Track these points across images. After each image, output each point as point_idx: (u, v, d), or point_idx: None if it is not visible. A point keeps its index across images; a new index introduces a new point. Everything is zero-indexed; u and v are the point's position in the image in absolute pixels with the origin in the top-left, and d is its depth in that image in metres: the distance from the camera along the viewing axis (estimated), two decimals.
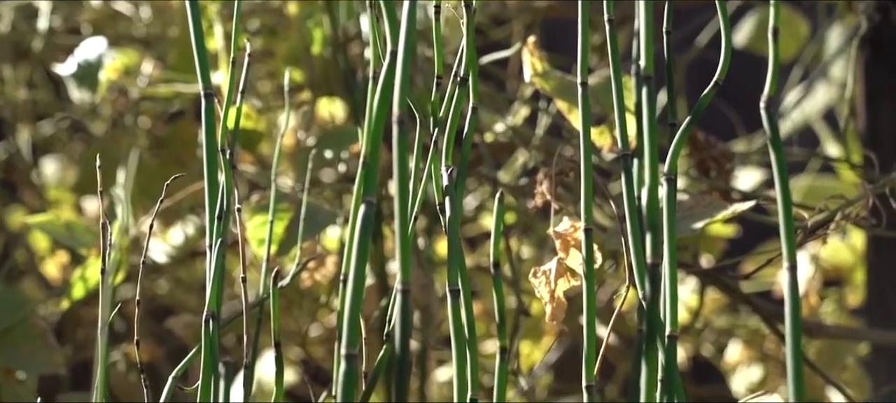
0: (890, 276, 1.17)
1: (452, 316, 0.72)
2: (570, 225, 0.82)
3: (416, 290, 1.04)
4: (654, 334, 0.71)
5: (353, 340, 0.62)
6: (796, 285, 0.64)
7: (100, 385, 0.69)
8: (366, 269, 0.64)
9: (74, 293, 1.04)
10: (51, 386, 1.15)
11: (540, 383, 1.45)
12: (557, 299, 0.82)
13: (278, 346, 0.75)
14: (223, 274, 0.76)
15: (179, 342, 1.16)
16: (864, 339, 1.22)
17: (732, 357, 1.38)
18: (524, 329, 1.21)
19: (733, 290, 1.01)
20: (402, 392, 0.62)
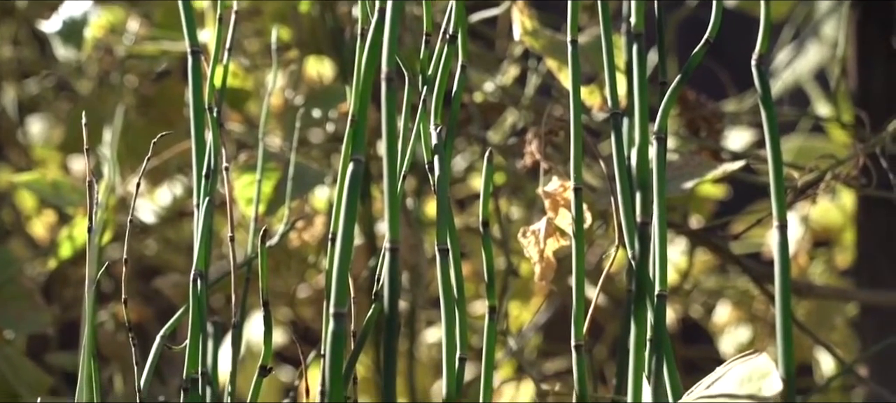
0: (879, 236, 1.17)
1: (441, 275, 0.72)
2: (560, 185, 0.82)
3: (404, 250, 1.04)
4: (643, 293, 0.71)
5: (341, 299, 0.62)
6: (786, 244, 0.64)
7: (87, 343, 0.68)
8: (354, 228, 0.64)
9: (62, 252, 1.04)
10: (39, 346, 1.15)
11: (529, 344, 1.45)
12: (546, 259, 0.82)
13: (267, 305, 0.74)
14: (211, 233, 0.76)
15: (167, 302, 1.16)
16: (853, 299, 1.22)
17: (721, 319, 1.38)
18: (513, 289, 1.21)
19: (723, 251, 1.01)
20: (390, 351, 0.62)
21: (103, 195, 0.94)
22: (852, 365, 1.08)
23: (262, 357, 0.75)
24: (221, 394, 0.77)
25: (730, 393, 0.65)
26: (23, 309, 1.00)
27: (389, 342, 0.62)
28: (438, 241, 0.72)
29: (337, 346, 0.61)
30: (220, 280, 0.90)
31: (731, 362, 0.68)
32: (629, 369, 0.69)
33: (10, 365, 1.02)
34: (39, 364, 1.08)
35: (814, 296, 1.20)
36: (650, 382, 0.69)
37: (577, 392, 0.72)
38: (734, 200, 1.32)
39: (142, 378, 0.74)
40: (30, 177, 1.04)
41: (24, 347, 1.05)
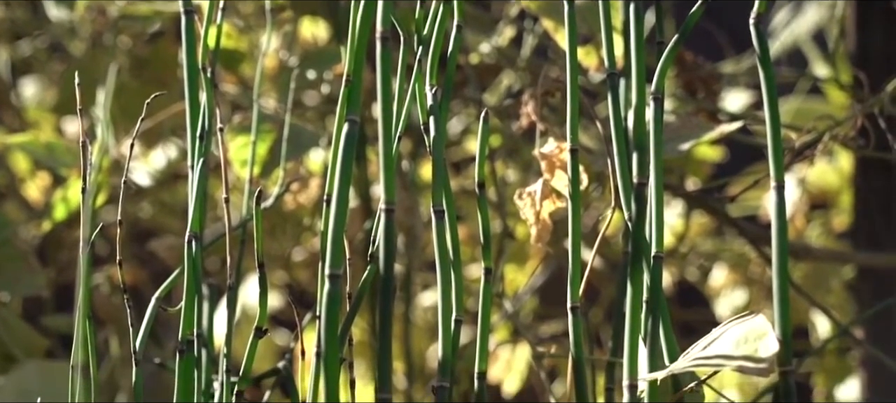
0: (877, 198, 1.17)
1: (437, 237, 0.71)
2: (556, 146, 0.82)
3: (400, 212, 1.04)
4: (639, 255, 0.70)
5: (336, 260, 0.61)
6: (783, 204, 0.64)
7: (82, 305, 0.68)
8: (349, 189, 0.64)
9: (56, 214, 1.04)
10: (35, 309, 1.15)
11: (525, 307, 1.45)
12: (542, 220, 0.81)
13: (262, 267, 0.74)
14: (205, 195, 0.75)
15: (163, 265, 1.16)
16: (850, 262, 1.22)
17: (717, 282, 1.38)
18: (509, 252, 1.21)
19: (719, 213, 1.01)
20: (386, 312, 0.62)
21: (97, 156, 0.93)
22: (848, 327, 1.08)
23: (258, 319, 0.75)
24: (217, 356, 0.76)
25: (726, 354, 0.65)
26: (18, 272, 1.00)
27: (385, 303, 0.62)
28: (434, 203, 0.72)
29: (332, 307, 0.61)
30: (215, 242, 0.89)
31: (728, 323, 0.68)
32: (625, 331, 0.69)
33: (5, 328, 1.02)
34: (35, 326, 1.08)
35: (810, 259, 1.20)
36: (646, 344, 0.69)
37: (573, 354, 0.72)
38: (731, 163, 1.31)
39: (137, 340, 0.74)
40: (23, 139, 1.03)
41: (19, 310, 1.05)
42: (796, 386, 0.67)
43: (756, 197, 1.28)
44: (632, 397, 0.68)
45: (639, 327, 0.70)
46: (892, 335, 1.17)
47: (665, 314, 0.71)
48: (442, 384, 0.69)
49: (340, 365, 0.63)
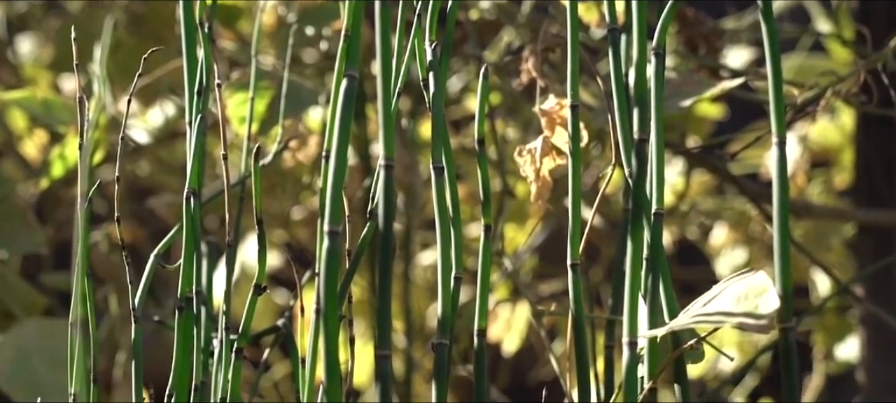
0: (879, 155, 1.16)
1: (436, 194, 0.71)
2: (556, 103, 0.81)
3: (399, 170, 1.03)
4: (639, 211, 0.70)
5: (335, 216, 0.61)
6: (785, 160, 0.63)
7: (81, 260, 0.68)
8: (348, 143, 0.63)
9: (54, 172, 1.03)
10: (33, 267, 1.15)
11: (524, 266, 1.45)
12: (542, 178, 0.81)
13: (261, 224, 0.74)
14: (204, 151, 0.75)
15: (162, 223, 1.16)
16: (851, 219, 1.22)
17: (717, 241, 1.38)
18: (509, 211, 1.21)
19: (720, 170, 1.01)
20: (385, 268, 0.62)
21: (94, 113, 0.93)
22: (849, 285, 1.08)
23: (257, 277, 0.75)
24: (216, 315, 0.76)
25: (727, 311, 0.65)
26: (16, 229, 0.99)
27: (384, 259, 0.62)
28: (434, 159, 0.71)
29: (331, 264, 0.61)
30: (214, 198, 0.89)
31: (728, 280, 0.68)
32: (625, 288, 0.69)
33: (4, 286, 1.02)
34: (34, 284, 1.07)
35: (811, 216, 1.20)
36: (646, 301, 0.69)
37: (572, 312, 0.72)
38: (732, 122, 1.31)
39: (136, 297, 0.74)
40: (20, 95, 1.02)
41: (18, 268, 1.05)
42: (796, 345, 0.67)
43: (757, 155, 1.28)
44: (632, 354, 0.68)
45: (639, 284, 0.69)
46: (892, 292, 1.17)
47: (665, 271, 0.70)
48: (441, 341, 0.69)
49: (340, 323, 0.63)
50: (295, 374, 0.80)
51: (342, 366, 0.62)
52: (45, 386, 0.97)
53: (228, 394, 0.73)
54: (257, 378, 0.89)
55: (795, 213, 1.09)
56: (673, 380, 0.70)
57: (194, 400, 0.73)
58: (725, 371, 1.48)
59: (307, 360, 0.71)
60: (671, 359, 0.69)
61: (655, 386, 0.68)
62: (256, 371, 0.88)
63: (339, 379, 0.61)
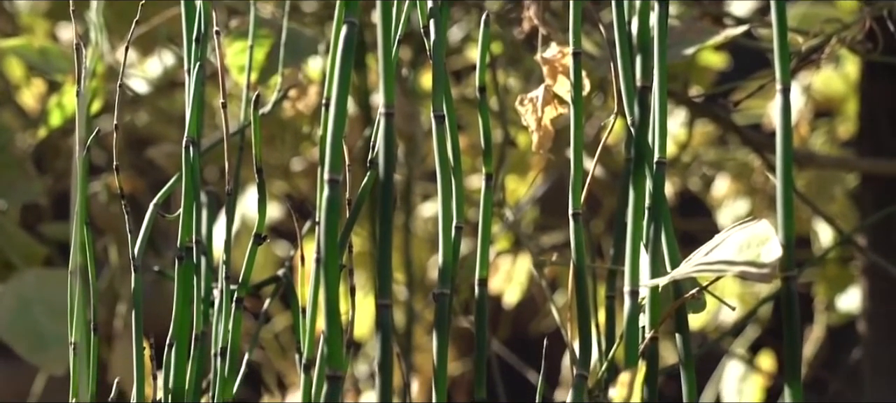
0: (883, 103, 1.15)
1: (437, 142, 0.71)
2: (558, 51, 0.80)
3: (400, 120, 1.03)
4: (641, 160, 0.69)
5: (336, 165, 0.61)
6: (788, 107, 0.63)
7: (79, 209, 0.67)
8: (348, 91, 0.63)
9: (52, 121, 1.03)
10: (33, 217, 1.14)
11: (525, 217, 1.44)
12: (544, 127, 0.80)
13: (260, 173, 0.73)
14: (203, 100, 0.74)
15: (161, 173, 1.15)
16: (854, 169, 1.21)
17: (719, 192, 1.38)
18: (510, 162, 1.20)
19: (723, 120, 1.00)
20: (386, 216, 0.61)
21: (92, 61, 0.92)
22: (851, 235, 1.08)
23: (257, 226, 0.74)
24: (216, 265, 0.76)
25: (729, 260, 0.65)
26: (14, 179, 0.99)
27: (385, 207, 0.61)
28: (434, 108, 0.71)
29: (331, 213, 0.60)
30: (213, 147, 0.88)
31: (730, 229, 0.68)
32: (627, 238, 0.69)
33: (3, 236, 1.01)
34: (33, 235, 1.07)
35: (814, 166, 1.19)
36: (648, 251, 0.69)
37: (574, 261, 0.71)
38: (735, 73, 1.30)
39: (136, 246, 0.73)
40: (17, 43, 1.01)
41: (17, 218, 1.05)
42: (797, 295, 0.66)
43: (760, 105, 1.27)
44: (633, 304, 0.67)
45: (640, 233, 0.69)
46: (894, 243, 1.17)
47: (667, 221, 0.70)
48: (442, 291, 0.69)
49: (340, 272, 0.62)
50: (295, 325, 0.80)
51: (343, 317, 0.62)
52: (45, 336, 0.97)
53: (229, 344, 0.73)
54: (258, 330, 0.89)
55: (798, 163, 1.09)
56: (674, 331, 0.69)
57: (195, 350, 0.73)
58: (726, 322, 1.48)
59: (308, 310, 0.71)
60: (673, 309, 0.69)
61: (657, 336, 0.68)
62: (257, 322, 0.88)
63: (339, 328, 0.60)
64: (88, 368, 0.71)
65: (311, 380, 0.69)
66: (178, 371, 0.72)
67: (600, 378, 0.76)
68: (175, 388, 0.72)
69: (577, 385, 0.69)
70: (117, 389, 0.74)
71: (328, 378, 0.60)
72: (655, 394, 0.68)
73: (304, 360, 0.70)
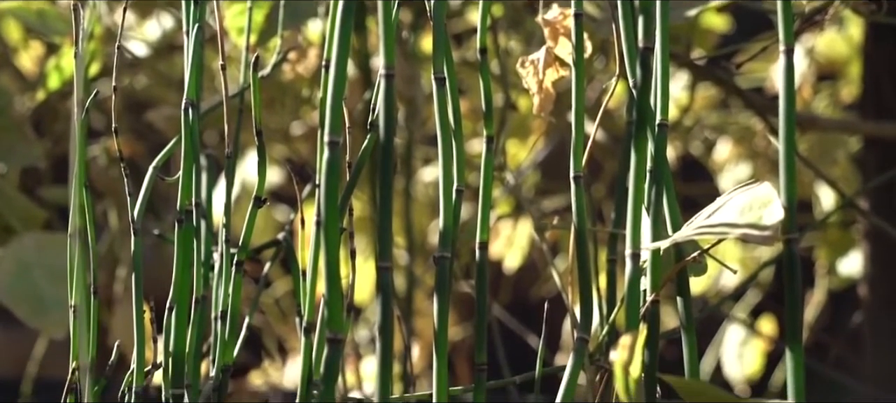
0: (887, 65, 1.15)
1: (438, 105, 0.70)
2: (560, 13, 0.80)
3: (400, 83, 1.02)
4: (643, 122, 0.69)
5: (336, 127, 0.60)
6: (792, 68, 0.62)
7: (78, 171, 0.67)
8: (349, 50, 0.62)
9: (50, 83, 1.02)
10: (32, 181, 1.14)
11: (527, 181, 1.44)
12: (545, 90, 0.80)
13: (260, 135, 0.73)
14: (202, 62, 0.74)
15: (160, 137, 1.15)
16: (857, 132, 1.21)
17: (721, 156, 1.37)
18: (511, 126, 1.20)
19: (726, 82, 0.99)
20: (386, 177, 0.61)
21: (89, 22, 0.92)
22: (853, 198, 1.07)
23: (256, 189, 0.74)
24: (216, 230, 0.76)
25: (730, 222, 0.64)
26: (13, 142, 0.99)
27: (385, 168, 0.61)
28: (435, 70, 0.70)
29: (331, 175, 0.60)
30: (213, 110, 0.88)
31: (732, 191, 0.67)
32: (628, 200, 0.68)
33: (3, 200, 1.01)
34: (33, 198, 1.07)
35: (817, 128, 1.18)
36: (649, 214, 0.68)
37: (575, 224, 0.71)
38: (737, 34, 1.29)
39: (135, 209, 0.73)
40: (14, 5, 1.01)
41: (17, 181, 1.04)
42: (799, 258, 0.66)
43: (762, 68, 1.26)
44: (634, 267, 0.67)
45: (642, 196, 0.69)
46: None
47: (669, 183, 0.70)
48: (443, 255, 0.68)
49: (340, 236, 0.62)
50: (296, 288, 0.79)
51: (343, 281, 0.61)
52: (45, 300, 0.96)
53: (229, 308, 0.73)
54: (258, 294, 0.89)
55: (801, 126, 1.08)
56: (675, 294, 0.69)
57: (195, 314, 0.72)
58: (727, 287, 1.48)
59: (308, 273, 0.71)
60: (674, 272, 0.68)
61: (658, 299, 0.68)
62: (257, 286, 0.88)
63: (340, 291, 0.60)
64: (88, 331, 0.71)
65: (311, 343, 0.69)
66: (178, 335, 0.72)
67: (601, 342, 0.76)
68: (175, 352, 0.72)
69: (577, 348, 0.68)
70: (117, 352, 0.74)
71: (329, 341, 0.60)
72: (656, 358, 0.67)
73: (305, 323, 0.70)
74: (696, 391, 0.65)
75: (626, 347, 0.61)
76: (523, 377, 0.77)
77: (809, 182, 1.28)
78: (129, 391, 0.72)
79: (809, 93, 1.30)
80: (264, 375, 1.55)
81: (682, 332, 0.68)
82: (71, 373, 0.72)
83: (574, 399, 0.68)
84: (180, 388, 0.71)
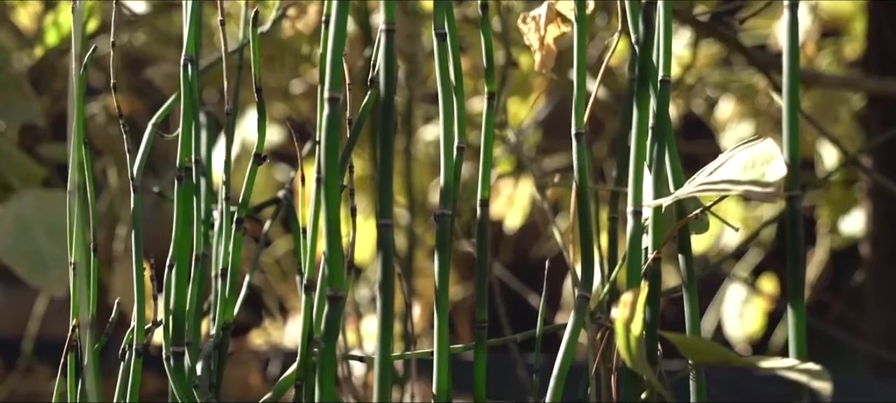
0: (891, 22, 1.14)
1: (439, 61, 0.69)
2: None
3: (400, 39, 1.01)
4: (646, 78, 0.68)
5: (336, 83, 0.60)
6: (796, 23, 0.62)
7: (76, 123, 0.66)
8: (348, 9, 0.61)
9: (48, 40, 1.01)
10: (31, 138, 1.14)
11: (528, 140, 1.44)
12: (547, 46, 0.79)
13: (260, 92, 0.72)
14: (200, 18, 0.73)
15: (160, 95, 1.14)
16: (860, 88, 1.20)
17: (724, 114, 1.37)
18: (512, 84, 1.19)
19: (729, 39, 0.99)
20: (387, 133, 0.60)
21: None
22: (856, 156, 1.07)
23: (256, 146, 0.73)
24: (216, 188, 0.75)
25: (733, 179, 0.64)
26: (12, 99, 0.98)
27: (385, 124, 0.60)
28: (436, 25, 0.70)
29: (332, 131, 0.60)
30: (212, 67, 0.87)
31: (735, 148, 0.67)
32: (631, 157, 0.68)
33: (2, 157, 1.01)
34: (32, 156, 1.06)
35: (820, 85, 1.18)
36: (651, 170, 0.68)
37: (576, 181, 0.70)
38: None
39: (135, 165, 0.72)
40: None
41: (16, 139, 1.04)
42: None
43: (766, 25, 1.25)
44: (636, 224, 0.67)
45: (644, 153, 0.68)
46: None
47: (671, 139, 0.69)
48: (444, 212, 0.68)
49: (341, 193, 0.62)
50: (296, 246, 0.79)
51: (344, 239, 0.61)
52: (45, 257, 0.96)
53: (230, 266, 0.73)
54: (258, 253, 0.88)
55: (804, 83, 1.08)
56: (677, 252, 0.69)
57: (195, 272, 0.72)
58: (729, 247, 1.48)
59: (309, 231, 0.70)
60: (676, 229, 0.68)
61: (659, 257, 0.68)
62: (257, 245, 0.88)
63: (340, 248, 0.60)
64: (88, 288, 0.71)
65: (312, 301, 0.69)
66: (178, 293, 0.72)
67: (602, 300, 0.76)
68: (176, 310, 0.71)
69: (579, 306, 0.68)
70: (118, 311, 0.74)
71: (329, 299, 0.60)
72: (657, 316, 0.67)
73: (306, 281, 0.70)
74: (697, 348, 0.65)
75: (628, 304, 0.61)
76: (524, 335, 0.77)
77: (812, 140, 1.28)
78: (129, 348, 0.72)
79: (813, 50, 1.29)
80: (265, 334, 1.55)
81: (684, 290, 0.68)
82: (71, 331, 0.72)
83: (575, 356, 0.68)
84: (181, 346, 0.71)
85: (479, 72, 1.29)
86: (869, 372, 1.30)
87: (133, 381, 0.71)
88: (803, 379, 0.59)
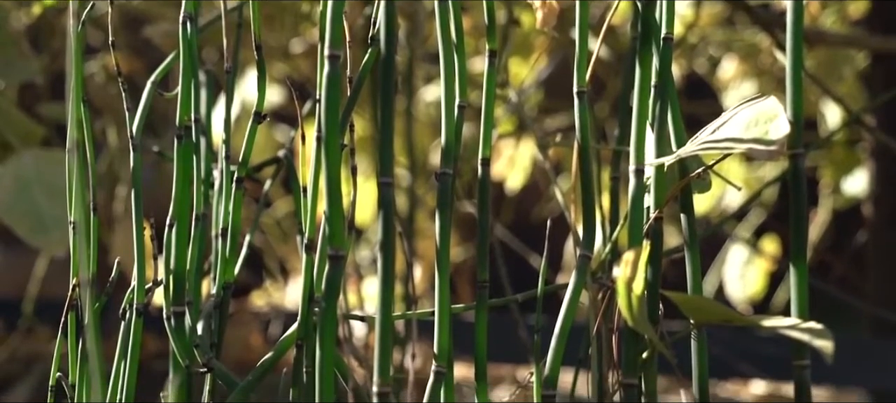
0: None
1: (440, 19, 0.69)
2: None
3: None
4: (648, 35, 0.68)
5: (336, 40, 0.59)
6: None
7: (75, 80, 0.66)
8: None
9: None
10: (30, 98, 1.13)
11: (529, 100, 1.43)
12: (549, 4, 0.79)
13: (259, 50, 0.72)
14: None
15: (158, 53, 1.14)
16: (864, 47, 1.19)
17: (726, 74, 1.36)
18: (514, 43, 1.18)
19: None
20: (387, 91, 0.60)
21: None
22: (860, 114, 1.06)
23: (256, 105, 0.73)
24: (216, 148, 0.75)
25: (736, 137, 0.63)
26: (10, 57, 0.97)
27: (386, 82, 0.60)
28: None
29: (332, 89, 0.59)
30: (211, 25, 0.87)
31: (738, 106, 0.66)
32: (633, 115, 0.67)
33: (1, 116, 1.00)
34: (31, 115, 1.06)
35: (824, 44, 1.17)
36: (653, 129, 0.67)
37: (578, 139, 0.70)
38: None
39: (134, 124, 0.72)
40: None
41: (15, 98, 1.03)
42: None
43: None
44: (638, 182, 0.66)
45: (647, 111, 0.68)
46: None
47: (674, 98, 0.69)
48: (445, 171, 0.68)
49: (342, 152, 0.61)
50: (296, 205, 0.79)
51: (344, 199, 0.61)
52: (44, 217, 0.96)
53: (230, 225, 0.73)
54: (259, 213, 0.88)
55: (808, 41, 1.07)
56: (679, 212, 0.68)
57: (195, 232, 0.72)
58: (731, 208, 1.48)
59: (309, 190, 0.70)
60: (678, 188, 0.68)
61: (661, 216, 0.67)
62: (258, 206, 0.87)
63: (341, 207, 0.60)
64: (88, 247, 0.70)
65: (312, 261, 0.68)
66: (178, 253, 0.71)
67: (604, 260, 0.76)
68: (176, 270, 0.71)
69: (580, 266, 0.68)
70: (118, 270, 0.74)
71: (330, 258, 0.60)
72: (659, 275, 0.67)
73: (306, 241, 0.69)
74: (699, 307, 0.65)
75: (629, 264, 0.61)
76: (525, 295, 0.77)
77: (815, 100, 1.27)
78: (129, 308, 0.71)
79: (817, 8, 1.28)
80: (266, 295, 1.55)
81: (685, 249, 0.67)
82: (71, 290, 0.72)
83: (576, 317, 0.68)
84: (181, 306, 0.71)
85: (480, 30, 1.28)
86: (870, 332, 1.30)
87: (134, 341, 0.71)
88: (805, 338, 0.59)
